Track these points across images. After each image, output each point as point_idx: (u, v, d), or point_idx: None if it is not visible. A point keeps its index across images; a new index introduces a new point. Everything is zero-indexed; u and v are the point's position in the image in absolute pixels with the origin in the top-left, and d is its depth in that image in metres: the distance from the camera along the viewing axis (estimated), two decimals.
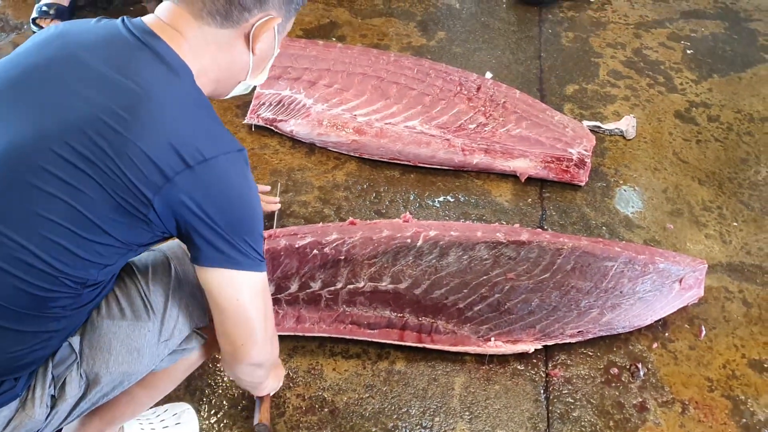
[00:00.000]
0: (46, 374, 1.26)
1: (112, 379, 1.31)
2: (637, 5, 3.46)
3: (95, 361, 1.29)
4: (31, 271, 1.11)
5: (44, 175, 1.07)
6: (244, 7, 1.18)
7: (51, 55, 1.16)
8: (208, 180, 1.11)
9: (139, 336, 1.32)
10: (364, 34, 3.11)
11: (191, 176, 1.09)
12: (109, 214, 1.10)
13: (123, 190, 1.08)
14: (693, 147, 2.64)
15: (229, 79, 1.29)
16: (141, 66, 1.12)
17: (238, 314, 1.25)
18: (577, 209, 2.34)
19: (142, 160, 1.07)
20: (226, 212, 1.14)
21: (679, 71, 3.02)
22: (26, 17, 3.02)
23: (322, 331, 1.88)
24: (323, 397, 1.79)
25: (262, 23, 1.21)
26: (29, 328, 1.18)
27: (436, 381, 1.85)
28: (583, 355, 1.93)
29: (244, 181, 1.18)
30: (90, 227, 1.10)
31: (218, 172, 1.12)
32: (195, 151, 1.09)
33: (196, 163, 1.09)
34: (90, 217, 1.09)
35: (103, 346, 1.30)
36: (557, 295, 1.89)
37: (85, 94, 1.10)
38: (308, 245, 1.87)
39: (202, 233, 1.15)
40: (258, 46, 1.24)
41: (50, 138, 1.08)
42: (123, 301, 1.33)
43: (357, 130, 2.42)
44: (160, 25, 1.18)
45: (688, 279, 1.98)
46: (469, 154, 2.38)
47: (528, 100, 2.55)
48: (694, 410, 1.82)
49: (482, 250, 1.89)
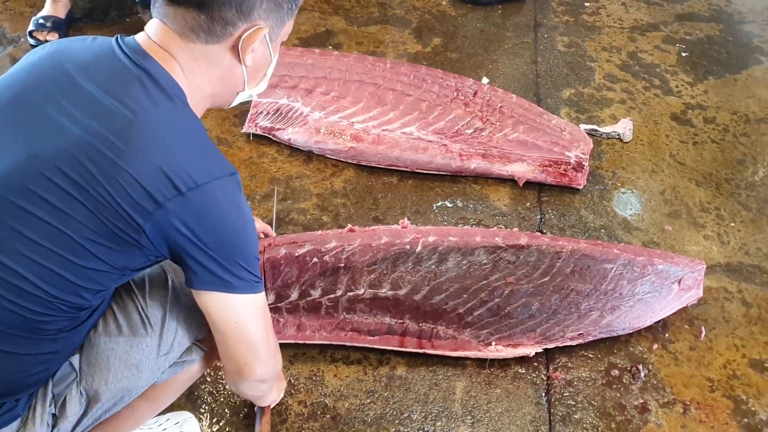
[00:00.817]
0: (46, 393, 1.27)
1: (112, 396, 1.31)
2: (632, 9, 3.48)
3: (94, 378, 1.29)
4: (23, 295, 1.11)
5: (33, 199, 1.07)
6: (226, 21, 1.16)
7: (45, 75, 1.16)
8: (199, 206, 1.10)
9: (138, 351, 1.32)
10: (360, 41, 3.12)
11: (183, 203, 1.09)
12: (99, 240, 1.10)
13: (114, 216, 1.08)
14: (690, 149, 2.65)
15: (226, 92, 1.29)
16: (134, 90, 1.12)
17: (238, 335, 1.25)
18: (576, 212, 2.35)
19: (132, 187, 1.06)
20: (218, 238, 1.14)
21: (674, 74, 3.03)
22: (23, 30, 3.03)
23: (322, 339, 1.88)
24: (325, 403, 1.79)
25: (249, 35, 1.19)
26: (27, 350, 1.18)
27: (438, 386, 1.85)
28: (583, 358, 1.93)
29: (236, 205, 1.17)
30: (80, 252, 1.10)
31: (210, 198, 1.11)
32: (186, 177, 1.08)
33: (187, 190, 1.08)
34: (80, 242, 1.09)
35: (102, 363, 1.30)
36: (557, 299, 1.90)
37: (77, 118, 1.09)
38: (308, 253, 1.88)
39: (195, 257, 1.14)
40: (249, 57, 1.22)
41: (41, 162, 1.07)
42: (120, 317, 1.33)
43: (354, 137, 2.42)
44: (151, 45, 1.18)
45: (687, 280, 1.98)
46: (467, 159, 2.39)
47: (525, 104, 2.56)
48: (695, 411, 1.82)
49: (481, 254, 1.90)
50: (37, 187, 1.06)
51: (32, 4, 3.22)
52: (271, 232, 2.02)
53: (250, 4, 1.17)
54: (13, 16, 3.17)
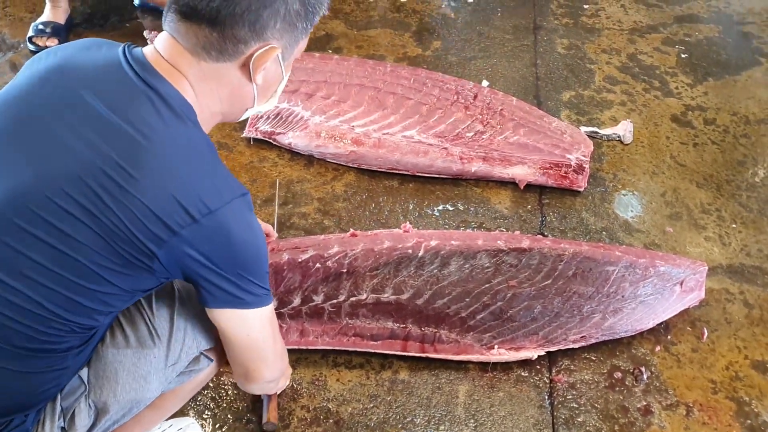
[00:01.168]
0: (55, 406, 1.27)
1: (120, 407, 1.32)
2: (631, 11, 3.48)
3: (102, 390, 1.30)
4: (34, 317, 1.10)
5: (39, 222, 1.06)
6: (238, 39, 1.15)
7: (52, 92, 1.14)
8: (213, 231, 1.11)
9: (146, 363, 1.33)
10: (360, 45, 3.12)
11: (197, 229, 1.09)
12: (109, 265, 1.09)
13: (126, 243, 1.07)
14: (690, 150, 2.65)
15: (236, 108, 1.27)
16: (143, 110, 1.10)
17: (248, 346, 1.30)
18: (577, 215, 2.35)
19: (146, 216, 1.05)
20: (232, 259, 1.15)
21: (674, 75, 3.04)
22: (23, 36, 3.04)
23: (325, 344, 1.88)
24: (327, 408, 1.79)
25: (261, 54, 1.17)
26: (37, 368, 1.18)
27: (440, 389, 1.85)
28: (586, 360, 1.93)
29: (249, 226, 1.17)
30: (90, 276, 1.09)
31: (223, 223, 1.11)
32: (200, 203, 1.08)
33: (201, 216, 1.08)
34: (89, 266, 1.08)
35: (110, 375, 1.30)
36: (559, 301, 1.90)
37: (86, 138, 1.07)
38: (310, 259, 1.88)
39: (210, 279, 1.16)
40: (260, 75, 1.21)
41: (47, 184, 1.06)
42: (127, 329, 1.34)
43: (355, 140, 2.42)
44: (160, 62, 1.16)
45: (688, 282, 1.98)
46: (468, 162, 2.39)
47: (525, 107, 2.56)
48: (698, 412, 1.82)
49: (483, 258, 1.90)
50: (43, 211, 1.05)
51: (32, 10, 3.22)
52: (273, 233, 2.02)
53: (263, 23, 1.15)
54: (13, 21, 3.17)
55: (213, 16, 1.12)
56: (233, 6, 1.12)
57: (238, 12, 1.12)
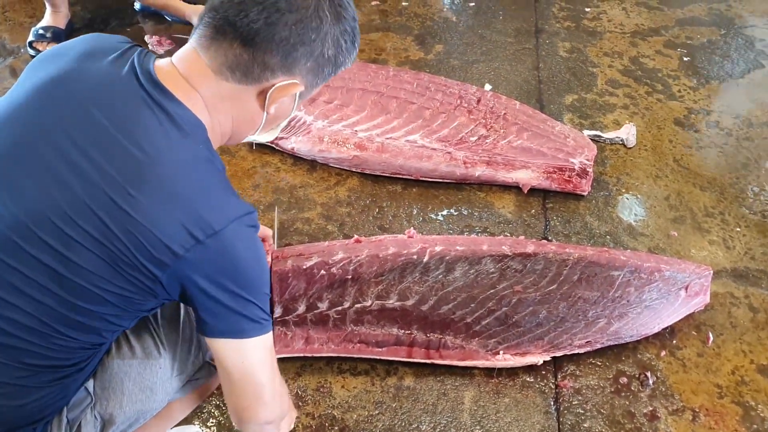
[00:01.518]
0: (61, 418, 1.26)
1: (126, 418, 1.31)
2: (633, 14, 3.48)
3: (109, 401, 1.30)
4: (41, 336, 1.10)
5: (43, 247, 1.04)
6: (267, 66, 1.13)
7: (56, 110, 1.10)
8: (217, 252, 1.08)
9: (151, 374, 1.32)
10: (361, 49, 3.12)
11: (202, 251, 1.06)
12: (113, 289, 1.08)
13: (130, 267, 1.06)
14: (693, 153, 2.65)
15: (242, 132, 1.25)
16: (151, 130, 1.07)
17: (245, 377, 1.22)
18: (581, 219, 2.35)
19: (150, 240, 1.04)
20: (235, 280, 1.12)
21: (676, 78, 3.03)
22: (23, 41, 3.03)
23: (330, 351, 1.87)
24: (333, 415, 1.79)
25: (282, 86, 1.16)
26: (46, 383, 1.18)
27: (446, 396, 1.84)
28: (591, 366, 1.92)
29: (253, 245, 1.14)
30: (95, 299, 1.08)
31: (227, 242, 1.08)
32: (204, 224, 1.06)
33: (206, 237, 1.06)
34: (94, 290, 1.07)
35: (116, 386, 1.30)
36: (564, 306, 1.89)
37: (91, 158, 1.05)
38: (315, 266, 1.87)
39: (210, 301, 1.12)
40: (274, 107, 1.19)
41: (55, 211, 1.04)
42: (133, 340, 1.33)
43: (358, 145, 2.42)
44: (175, 78, 1.13)
45: (693, 286, 1.98)
46: (471, 167, 2.39)
47: (528, 111, 2.55)
48: (704, 417, 1.82)
49: (488, 263, 1.89)
50: (48, 236, 1.04)
51: (32, 15, 3.22)
52: (269, 239, 1.97)
53: (295, 58, 1.14)
54: (13, 26, 3.17)
55: (250, 36, 1.10)
56: (273, 32, 1.10)
57: (276, 39, 1.11)
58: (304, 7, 1.12)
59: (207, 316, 1.13)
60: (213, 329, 1.15)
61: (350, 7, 1.20)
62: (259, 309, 1.16)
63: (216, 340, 1.17)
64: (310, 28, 1.13)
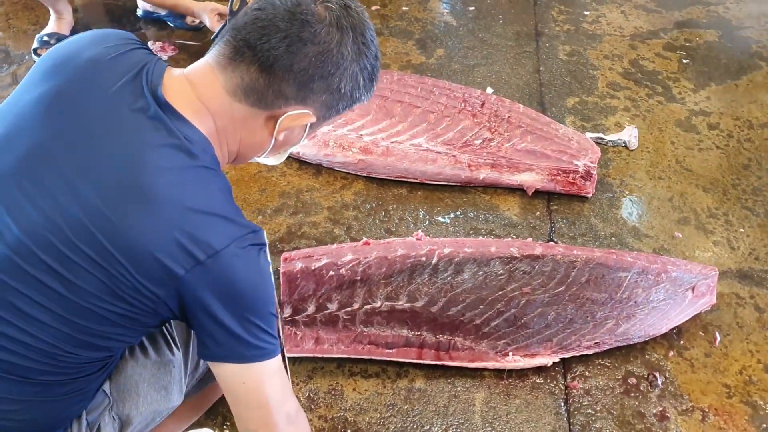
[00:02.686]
0: (81, 422, 1.27)
1: (143, 419, 1.32)
2: (631, 17, 3.50)
3: (125, 403, 1.30)
4: (48, 355, 1.10)
5: (48, 270, 1.03)
6: (282, 94, 1.12)
7: (59, 126, 1.07)
8: (217, 272, 1.05)
9: (165, 374, 1.33)
10: None
11: (201, 271, 1.04)
12: (116, 309, 1.07)
13: (131, 289, 1.04)
14: (695, 155, 2.67)
15: (248, 154, 1.24)
16: (156, 153, 1.05)
17: (249, 402, 1.16)
18: (586, 221, 2.36)
19: (149, 261, 1.02)
20: (234, 301, 1.08)
21: (676, 80, 3.06)
22: (27, 48, 3.03)
23: (340, 352, 1.88)
24: (345, 417, 1.79)
25: (294, 115, 1.15)
26: (61, 395, 1.18)
27: (457, 397, 1.85)
28: (600, 366, 1.94)
29: (255, 266, 1.10)
30: (99, 319, 1.07)
31: (228, 263, 1.05)
32: (205, 245, 1.03)
33: (206, 257, 1.03)
34: (97, 311, 1.06)
35: (131, 388, 1.30)
36: (573, 308, 1.90)
37: (93, 179, 1.03)
38: (324, 267, 1.88)
39: (213, 324, 1.08)
40: (283, 134, 1.18)
41: (56, 233, 1.02)
42: (146, 341, 1.33)
43: (363, 149, 2.43)
44: (187, 95, 1.11)
45: (700, 286, 2.00)
46: (476, 170, 2.40)
47: (532, 113, 2.57)
48: (714, 417, 1.83)
49: (497, 265, 1.90)
50: (49, 257, 1.02)
51: (35, 22, 3.22)
52: None
53: (311, 89, 1.13)
54: (17, 33, 3.16)
55: (269, 62, 1.09)
56: (293, 61, 1.09)
57: (294, 69, 1.10)
58: (326, 41, 1.11)
59: (207, 338, 1.10)
60: (213, 353, 1.12)
61: (373, 45, 1.18)
62: (263, 332, 1.12)
63: (218, 365, 1.13)
64: (331, 62, 1.12)
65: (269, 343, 1.14)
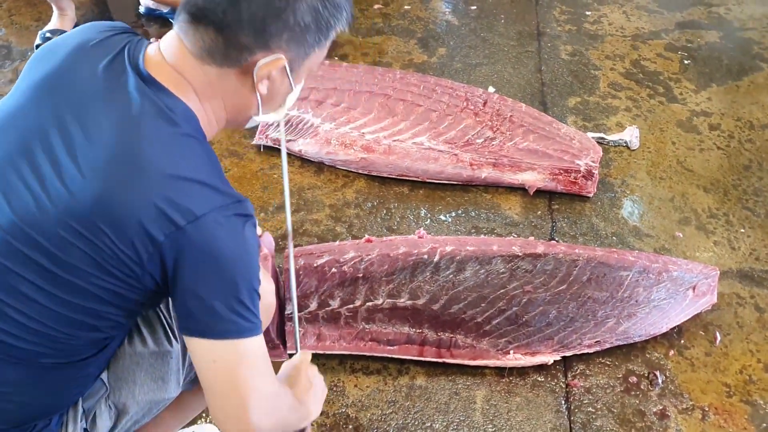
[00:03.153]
0: (77, 408, 1.27)
1: (140, 408, 1.32)
2: (633, 17, 3.50)
3: (122, 391, 1.30)
4: (45, 337, 1.10)
5: (44, 252, 1.04)
6: (242, 46, 1.10)
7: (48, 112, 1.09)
8: (198, 240, 1.03)
9: (163, 364, 1.33)
10: (365, 52, 3.14)
11: (181, 237, 1.02)
12: (106, 285, 1.06)
13: (114, 260, 1.03)
14: (696, 155, 2.67)
15: (240, 116, 1.22)
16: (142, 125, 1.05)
17: (223, 385, 1.09)
18: (587, 220, 2.37)
19: (132, 227, 1.01)
20: (213, 272, 1.05)
21: (678, 81, 3.06)
22: (29, 44, 3.04)
23: (342, 349, 1.89)
24: (347, 414, 1.80)
25: (265, 63, 1.12)
26: (59, 379, 1.18)
27: (458, 395, 1.86)
28: (601, 365, 1.94)
29: (238, 235, 1.07)
30: (92, 297, 1.07)
31: (209, 231, 1.04)
32: (185, 211, 1.02)
33: (186, 223, 1.01)
34: (89, 288, 1.06)
35: (128, 377, 1.30)
36: (574, 306, 1.91)
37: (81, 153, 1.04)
38: (326, 264, 1.88)
39: (183, 299, 1.06)
40: (263, 85, 1.15)
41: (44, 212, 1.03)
42: (144, 331, 1.33)
43: (365, 147, 2.43)
44: (164, 68, 1.12)
45: (701, 286, 2.00)
46: (478, 169, 2.41)
47: (534, 113, 2.57)
48: (714, 416, 1.84)
49: (499, 263, 1.91)
50: (47, 240, 1.03)
51: (38, 18, 3.22)
52: (265, 248, 1.79)
53: (269, 33, 1.10)
54: (19, 30, 3.17)
55: (219, 19, 1.08)
56: (239, 12, 1.08)
57: (244, 18, 1.08)
58: None
59: (182, 309, 1.07)
60: (186, 326, 1.08)
61: None
62: (243, 306, 1.07)
63: (191, 340, 1.08)
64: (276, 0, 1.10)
65: (247, 320, 1.08)
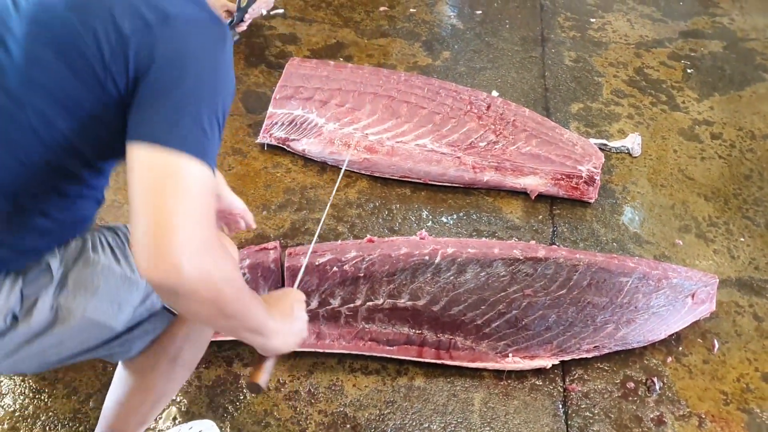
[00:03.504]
0: (14, 287, 1.16)
1: (80, 327, 1.22)
2: (637, 25, 3.52)
3: (75, 297, 1.20)
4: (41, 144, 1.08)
5: None
6: None
7: None
8: (166, 40, 1.02)
9: (127, 291, 1.26)
10: (370, 54, 3.14)
11: (149, 34, 1.01)
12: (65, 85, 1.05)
13: (83, 60, 1.03)
14: (698, 164, 2.68)
15: None
16: None
17: (149, 196, 0.97)
18: (588, 226, 2.37)
19: (105, 24, 1.01)
20: (175, 77, 1.01)
21: (680, 90, 3.07)
22: None
23: (341, 348, 1.89)
24: (345, 413, 1.80)
25: None
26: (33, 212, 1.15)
27: (456, 396, 1.86)
28: (599, 370, 1.95)
29: (211, 46, 1.05)
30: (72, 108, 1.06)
31: (180, 33, 1.03)
32: (158, 10, 1.02)
33: (156, 21, 1.01)
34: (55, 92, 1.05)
35: (89, 286, 1.21)
36: (574, 311, 1.92)
37: None
38: (327, 263, 1.89)
39: (141, 100, 1.02)
40: None
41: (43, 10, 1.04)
42: (121, 257, 1.26)
43: (368, 148, 2.44)
44: None
45: (700, 294, 2.01)
46: (480, 172, 2.41)
47: (537, 118, 2.58)
48: (710, 423, 1.84)
49: (499, 266, 1.92)
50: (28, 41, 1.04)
51: None
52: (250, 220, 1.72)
53: None
54: None
55: None
56: None
57: None
58: None
59: (137, 116, 1.02)
60: (133, 131, 1.01)
61: None
62: (199, 126, 1.01)
63: (132, 147, 1.00)
64: None
65: (197, 142, 1.00)
